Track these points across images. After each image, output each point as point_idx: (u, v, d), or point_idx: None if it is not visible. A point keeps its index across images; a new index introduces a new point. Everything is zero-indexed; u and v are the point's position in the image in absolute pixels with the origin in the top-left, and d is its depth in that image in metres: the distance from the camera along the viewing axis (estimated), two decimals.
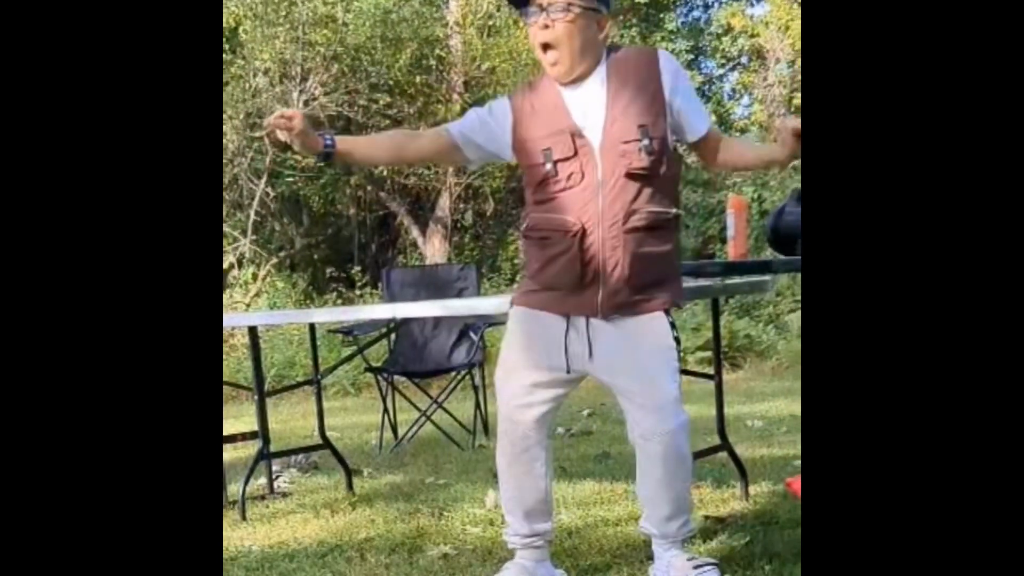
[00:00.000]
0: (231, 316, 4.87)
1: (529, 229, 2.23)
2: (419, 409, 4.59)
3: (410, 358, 4.85)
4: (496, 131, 2.26)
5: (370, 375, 5.05)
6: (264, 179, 10.05)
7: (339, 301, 9.65)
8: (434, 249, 10.91)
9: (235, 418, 5.27)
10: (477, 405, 4.60)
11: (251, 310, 9.05)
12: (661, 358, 2.16)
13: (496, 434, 2.30)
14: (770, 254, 3.26)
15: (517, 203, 10.95)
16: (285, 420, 5.75)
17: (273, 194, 10.52)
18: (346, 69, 10.07)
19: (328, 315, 4.20)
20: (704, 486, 3.16)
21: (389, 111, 10.28)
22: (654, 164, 2.13)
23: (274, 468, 3.78)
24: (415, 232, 11.16)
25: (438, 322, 4.84)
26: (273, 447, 3.52)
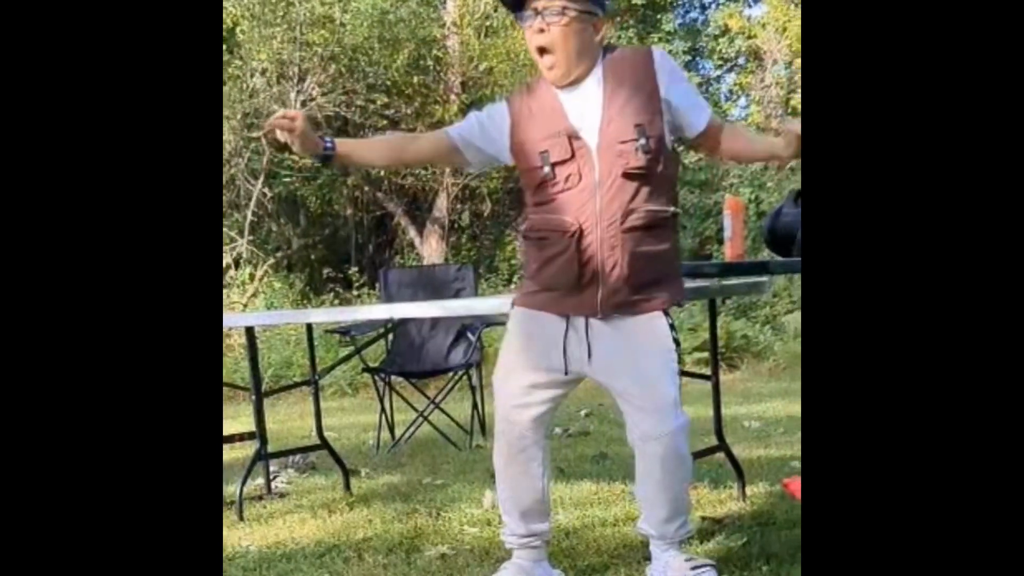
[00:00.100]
0: (228, 316, 4.85)
1: (528, 230, 2.24)
2: (416, 409, 4.59)
3: (407, 358, 4.85)
4: (494, 134, 2.27)
5: (367, 375, 5.04)
6: (261, 179, 10.04)
7: (336, 301, 9.64)
8: (431, 249, 10.90)
9: (232, 418, 5.26)
10: (474, 405, 4.60)
11: (248, 310, 9.03)
12: (660, 360, 2.16)
13: (493, 434, 2.30)
14: (767, 255, 3.27)
15: (514, 204, 10.96)
16: (282, 420, 5.74)
17: (270, 194, 10.51)
18: (343, 69, 10.07)
19: (325, 315, 4.21)
20: (701, 487, 3.16)
21: (386, 111, 10.28)
22: (651, 163, 2.13)
23: (271, 468, 3.77)
24: (412, 232, 11.16)
25: (435, 322, 4.84)
26: (270, 447, 3.52)
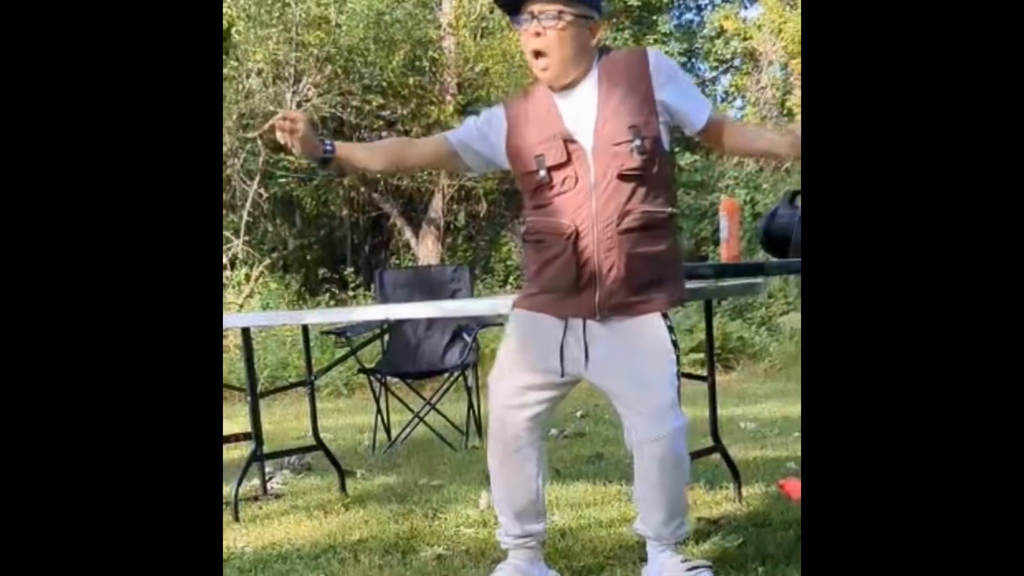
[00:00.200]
0: (224, 317, 4.84)
1: (527, 233, 2.25)
2: (412, 410, 4.59)
3: (403, 359, 4.85)
4: (492, 138, 2.28)
5: (363, 376, 5.04)
6: (257, 180, 10.04)
7: (332, 302, 9.63)
8: (427, 250, 10.90)
9: (228, 419, 5.23)
10: (470, 406, 4.60)
11: (244, 311, 9.02)
12: (658, 362, 2.15)
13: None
14: (763, 256, 3.28)
15: (510, 205, 10.96)
16: (278, 421, 5.74)
17: (266, 195, 10.50)
18: (339, 70, 10.06)
19: (321, 316, 4.20)
20: (697, 487, 3.16)
21: (382, 112, 10.28)
22: (646, 164, 2.13)
23: (267, 469, 3.77)
24: (408, 233, 11.15)
25: (431, 323, 4.84)
26: (266, 448, 3.51)
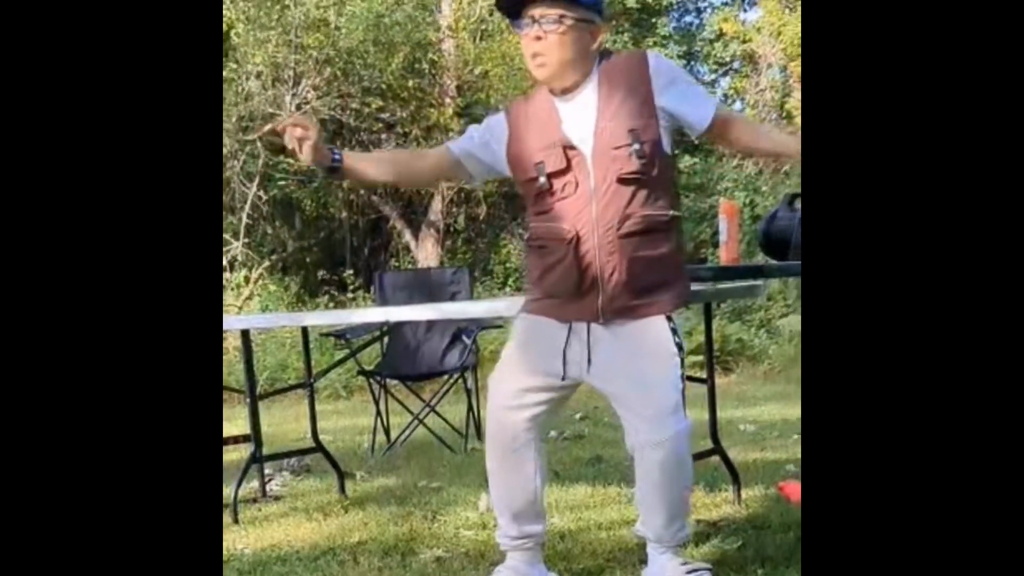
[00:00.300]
0: (224, 319, 4.85)
1: (530, 239, 2.26)
2: (411, 412, 4.58)
3: (403, 361, 4.85)
4: (493, 145, 2.29)
5: (362, 378, 5.04)
6: (256, 182, 10.03)
7: (331, 304, 9.63)
8: (426, 253, 10.90)
9: (228, 421, 5.23)
10: (469, 408, 4.59)
11: (243, 313, 9.02)
12: (661, 365, 2.14)
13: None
14: (762, 259, 3.27)
15: (510, 207, 10.96)
16: (277, 423, 5.73)
17: (265, 197, 10.50)
18: (338, 73, 10.06)
19: (320, 318, 4.21)
20: (697, 490, 3.15)
21: (382, 115, 10.28)
22: (646, 167, 2.13)
23: (266, 471, 3.77)
24: (407, 236, 11.15)
25: (431, 325, 4.84)
26: (265, 450, 3.51)
